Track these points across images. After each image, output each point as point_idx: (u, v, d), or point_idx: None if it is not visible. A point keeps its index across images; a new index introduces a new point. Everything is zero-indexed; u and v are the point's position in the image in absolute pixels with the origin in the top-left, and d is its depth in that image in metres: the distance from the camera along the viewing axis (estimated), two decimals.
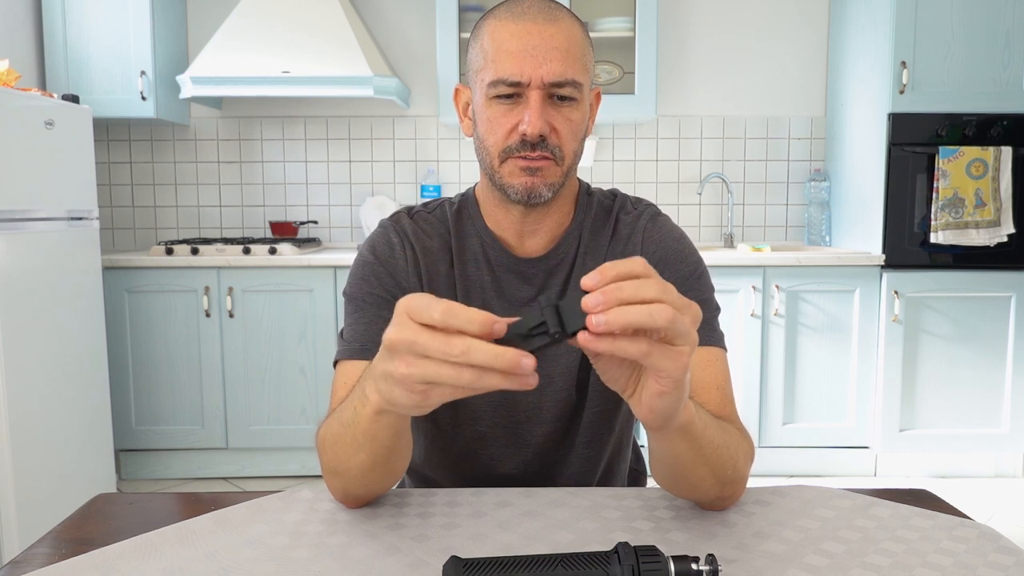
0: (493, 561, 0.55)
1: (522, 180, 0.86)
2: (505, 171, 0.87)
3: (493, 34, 0.85)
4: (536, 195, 0.87)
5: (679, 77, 3.16)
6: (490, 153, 0.87)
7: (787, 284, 2.68)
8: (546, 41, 0.82)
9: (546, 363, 0.94)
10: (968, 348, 2.67)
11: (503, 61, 0.83)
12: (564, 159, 0.87)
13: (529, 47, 0.82)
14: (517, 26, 0.83)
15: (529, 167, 0.85)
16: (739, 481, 0.78)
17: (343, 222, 3.20)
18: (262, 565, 0.65)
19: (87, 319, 2.37)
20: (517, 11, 0.84)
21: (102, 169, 3.13)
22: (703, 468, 0.72)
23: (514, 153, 0.85)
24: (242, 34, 2.79)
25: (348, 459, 0.73)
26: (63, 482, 2.23)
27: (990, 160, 2.57)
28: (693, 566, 0.55)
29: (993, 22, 2.59)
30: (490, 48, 0.84)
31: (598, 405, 0.96)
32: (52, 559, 0.67)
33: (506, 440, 0.96)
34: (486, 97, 0.86)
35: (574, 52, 0.84)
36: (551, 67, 0.82)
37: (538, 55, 0.82)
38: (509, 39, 0.83)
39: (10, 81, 2.17)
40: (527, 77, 0.82)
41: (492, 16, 0.87)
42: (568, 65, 0.83)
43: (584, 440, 0.97)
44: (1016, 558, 0.67)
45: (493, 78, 0.84)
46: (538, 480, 0.98)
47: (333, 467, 0.76)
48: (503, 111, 0.85)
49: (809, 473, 2.77)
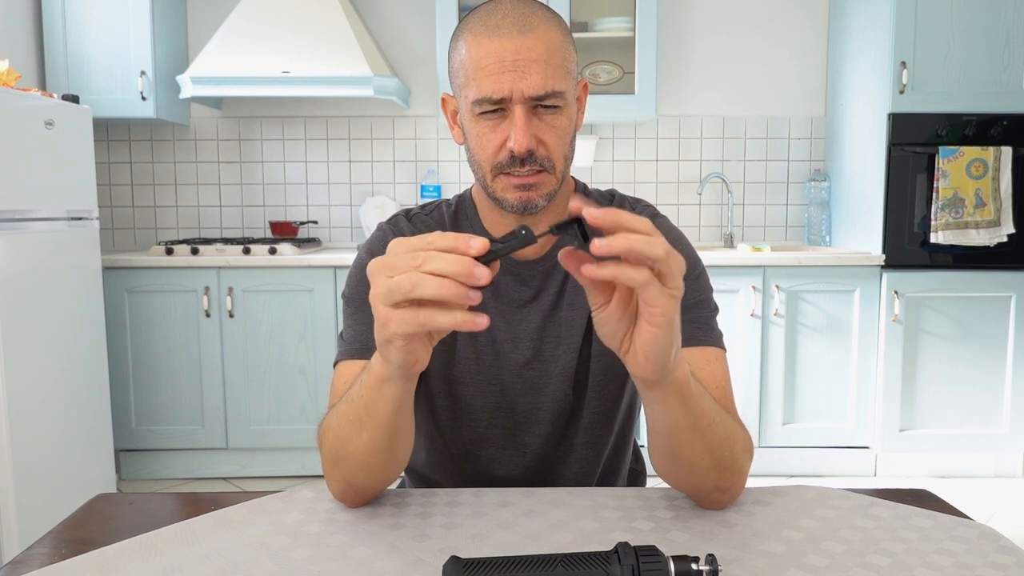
0: (493, 561, 0.55)
1: (516, 195, 0.86)
2: (498, 186, 0.87)
3: (471, 51, 0.84)
4: (532, 206, 0.87)
5: (679, 77, 3.16)
6: (482, 168, 0.87)
7: (787, 284, 2.68)
8: (523, 55, 0.81)
9: (545, 364, 0.95)
10: (968, 348, 2.67)
11: (483, 80, 0.82)
12: (555, 167, 0.86)
13: (507, 63, 0.81)
14: (493, 43, 0.82)
15: (522, 184, 0.85)
16: (737, 472, 0.78)
17: (343, 222, 3.20)
18: (262, 565, 0.65)
19: (87, 319, 2.37)
20: (491, 24, 0.83)
21: (102, 169, 3.13)
22: (699, 444, 0.73)
23: (505, 170, 0.85)
24: (242, 34, 2.79)
25: (350, 440, 0.74)
26: (63, 482, 2.23)
27: (990, 160, 2.57)
28: (693, 566, 0.55)
29: (993, 22, 2.59)
30: (470, 66, 0.84)
31: (597, 406, 0.96)
32: (52, 559, 0.67)
33: (505, 441, 0.97)
34: (472, 114, 0.85)
35: (553, 60, 0.82)
36: (531, 81, 0.81)
37: (517, 70, 0.81)
38: (486, 56, 0.82)
39: (10, 81, 2.17)
40: (508, 92, 0.81)
41: (468, 31, 0.85)
42: (548, 76, 0.82)
43: (583, 441, 0.98)
44: (1016, 558, 0.67)
45: (476, 97, 0.83)
46: (537, 481, 0.98)
47: (334, 454, 0.77)
48: (490, 127, 0.85)
49: (809, 473, 2.77)
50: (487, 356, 0.95)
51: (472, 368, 0.95)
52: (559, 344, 0.95)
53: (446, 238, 0.59)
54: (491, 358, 0.95)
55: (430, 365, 0.95)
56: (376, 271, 0.61)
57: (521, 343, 0.95)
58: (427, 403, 0.98)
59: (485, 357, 0.95)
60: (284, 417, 2.71)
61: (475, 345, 0.95)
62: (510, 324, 0.95)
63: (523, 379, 0.95)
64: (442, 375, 0.96)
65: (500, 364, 0.95)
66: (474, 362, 0.95)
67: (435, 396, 0.97)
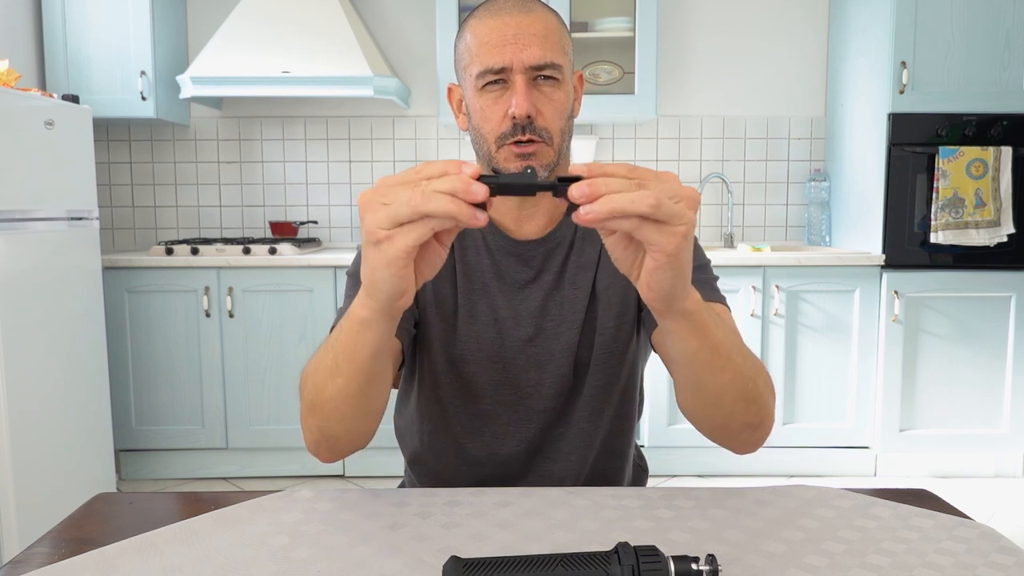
0: (493, 561, 0.55)
1: (517, 164, 0.91)
2: (501, 157, 0.92)
3: (475, 31, 0.92)
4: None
5: (679, 77, 3.16)
6: (487, 141, 0.92)
7: (787, 284, 2.68)
8: (524, 29, 0.89)
9: (547, 341, 0.98)
10: (968, 348, 2.67)
11: (486, 53, 0.89)
12: (553, 139, 0.91)
13: (508, 36, 0.89)
14: (496, 20, 0.90)
15: (523, 152, 0.90)
16: (763, 406, 0.81)
17: (343, 222, 3.20)
18: (262, 565, 0.65)
19: (87, 319, 2.37)
20: (494, 8, 0.92)
21: (102, 169, 3.13)
22: (721, 375, 0.75)
23: (508, 140, 0.90)
24: (242, 34, 2.79)
25: (325, 385, 0.78)
26: (63, 482, 2.23)
27: (990, 160, 2.57)
28: (693, 566, 0.55)
29: (993, 22, 2.59)
30: (473, 44, 0.91)
31: (598, 380, 1.00)
32: (52, 559, 0.67)
33: (508, 418, 1.00)
34: (475, 89, 0.92)
35: (551, 38, 0.90)
36: (531, 51, 0.88)
37: (518, 42, 0.88)
38: (489, 32, 0.90)
39: (10, 81, 2.17)
40: (509, 62, 0.88)
41: (472, 17, 0.94)
42: (547, 49, 0.89)
43: (583, 415, 1.00)
44: (1016, 558, 0.67)
45: (479, 69, 0.90)
46: (539, 457, 1.01)
47: (311, 400, 0.81)
48: (492, 99, 0.91)
49: (809, 473, 2.77)
50: (490, 334, 0.98)
51: (473, 346, 0.98)
52: (561, 321, 0.98)
53: (435, 164, 0.61)
54: (493, 335, 0.98)
55: (432, 343, 0.98)
56: (370, 201, 0.63)
57: (523, 321, 0.98)
58: (431, 381, 1.00)
59: (487, 335, 0.98)
60: (284, 417, 2.71)
61: (477, 323, 0.98)
62: (512, 303, 0.98)
63: (526, 355, 0.98)
64: (444, 353, 0.99)
65: (502, 341, 0.98)
66: (476, 340, 0.98)
67: (439, 374, 1.00)
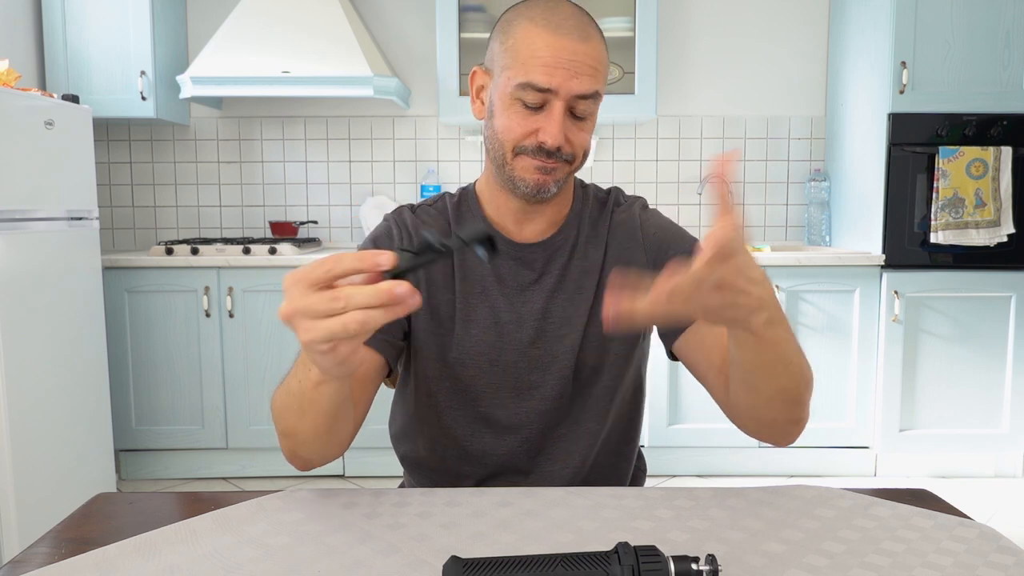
0: (493, 561, 0.55)
1: (534, 177, 0.91)
2: (517, 165, 0.91)
3: (527, 38, 0.88)
4: (545, 191, 0.92)
5: (679, 77, 3.16)
6: (504, 146, 0.91)
7: (787, 284, 2.68)
8: (579, 57, 0.87)
9: (550, 343, 0.98)
10: (968, 348, 2.67)
11: (535, 68, 0.86)
12: (575, 160, 0.93)
13: (563, 60, 0.86)
14: (555, 39, 0.87)
15: (544, 167, 0.90)
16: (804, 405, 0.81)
17: (343, 222, 3.20)
18: (262, 565, 0.65)
19: (87, 319, 2.37)
20: (555, 22, 0.88)
21: (102, 169, 3.13)
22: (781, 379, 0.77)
23: (528, 153, 0.90)
24: (242, 34, 2.79)
25: (296, 425, 0.81)
26: (63, 482, 2.23)
27: (990, 160, 2.57)
28: (693, 566, 0.55)
29: (993, 22, 2.59)
30: (523, 51, 0.88)
31: (605, 381, 0.99)
32: (52, 559, 0.67)
33: (508, 419, 0.99)
34: (509, 94, 0.89)
35: (601, 70, 0.90)
36: (580, 81, 0.87)
37: (571, 68, 0.86)
38: (544, 48, 0.86)
39: (10, 81, 2.17)
40: (557, 86, 0.86)
41: (527, 18, 0.89)
42: (595, 81, 0.89)
43: (590, 415, 1.00)
44: (1016, 558, 0.67)
45: (523, 80, 0.87)
46: (540, 457, 1.00)
47: (283, 429, 0.83)
48: (524, 114, 0.89)
49: (809, 473, 2.77)
50: (490, 337, 0.97)
51: (472, 350, 0.97)
52: (563, 324, 0.98)
53: (343, 261, 0.59)
54: (494, 339, 0.97)
55: (424, 353, 0.97)
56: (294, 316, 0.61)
57: (525, 323, 0.97)
58: (425, 389, 0.99)
59: (488, 338, 0.97)
60: None
61: (477, 327, 0.97)
62: (514, 305, 0.98)
63: (528, 357, 0.97)
64: (439, 359, 0.98)
65: (503, 345, 0.97)
66: (475, 344, 0.97)
67: (432, 381, 0.99)
